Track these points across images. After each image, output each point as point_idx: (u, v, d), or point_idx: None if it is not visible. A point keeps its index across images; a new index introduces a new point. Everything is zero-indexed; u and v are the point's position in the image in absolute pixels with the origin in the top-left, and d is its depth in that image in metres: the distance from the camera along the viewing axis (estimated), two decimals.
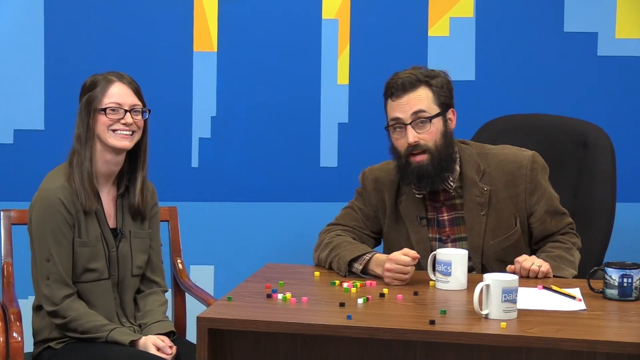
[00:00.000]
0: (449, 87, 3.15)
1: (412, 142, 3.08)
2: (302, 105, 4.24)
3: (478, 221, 3.13)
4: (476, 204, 3.13)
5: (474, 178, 3.14)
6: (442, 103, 3.11)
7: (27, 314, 3.09)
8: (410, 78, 3.10)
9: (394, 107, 3.11)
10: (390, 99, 3.12)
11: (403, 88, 3.09)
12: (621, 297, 2.76)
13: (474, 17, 4.20)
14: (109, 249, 3.04)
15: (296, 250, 4.24)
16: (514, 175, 3.15)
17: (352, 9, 4.21)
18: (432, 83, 3.10)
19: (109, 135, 3.00)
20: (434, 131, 3.09)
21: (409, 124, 3.08)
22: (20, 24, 4.15)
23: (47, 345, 3.02)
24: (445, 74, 3.16)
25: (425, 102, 3.09)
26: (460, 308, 2.68)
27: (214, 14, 4.20)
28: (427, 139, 3.08)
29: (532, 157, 3.18)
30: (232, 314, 2.59)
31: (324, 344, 2.62)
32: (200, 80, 4.22)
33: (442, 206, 3.17)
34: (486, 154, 3.20)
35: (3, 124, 4.18)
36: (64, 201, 2.97)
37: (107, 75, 3.05)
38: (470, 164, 3.16)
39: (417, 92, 3.09)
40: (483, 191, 3.13)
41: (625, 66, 4.19)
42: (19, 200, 3.81)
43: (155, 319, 3.07)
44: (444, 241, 3.16)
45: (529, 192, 3.15)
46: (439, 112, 3.10)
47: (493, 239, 3.13)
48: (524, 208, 3.16)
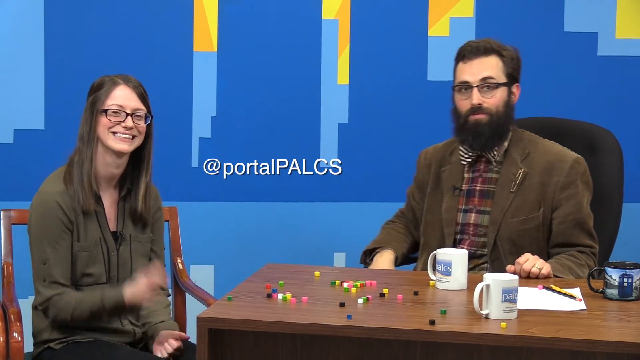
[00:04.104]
0: (517, 62, 3.28)
1: (475, 103, 3.21)
2: (302, 105, 4.25)
3: (505, 197, 3.21)
4: (509, 181, 3.22)
5: (516, 158, 3.25)
6: (510, 75, 3.24)
7: (27, 314, 3.08)
8: (485, 45, 3.23)
9: (464, 70, 3.24)
10: (462, 62, 3.25)
11: (476, 52, 3.22)
12: (621, 297, 2.76)
13: (474, 17, 4.21)
14: (109, 253, 3.04)
15: (296, 250, 4.24)
16: (552, 166, 3.22)
17: (352, 9, 4.22)
18: (503, 54, 3.24)
19: (108, 137, 3.00)
20: (498, 98, 3.22)
21: (475, 86, 3.21)
22: (20, 24, 4.15)
23: (47, 345, 3.02)
24: (515, 49, 3.28)
25: (494, 70, 3.22)
26: (460, 308, 2.68)
27: (214, 14, 4.20)
28: (490, 103, 3.21)
29: (578, 159, 3.25)
30: (232, 314, 2.59)
31: (324, 344, 2.62)
32: (200, 80, 4.22)
33: (479, 177, 3.28)
34: (536, 142, 3.30)
35: (3, 124, 4.18)
36: (62, 205, 2.96)
37: (114, 78, 3.04)
38: (518, 144, 3.27)
39: (488, 58, 3.22)
40: (520, 171, 3.22)
41: (625, 66, 4.20)
42: (19, 200, 3.81)
43: (160, 319, 3.08)
44: (469, 211, 3.25)
45: (560, 185, 3.20)
46: (506, 82, 3.23)
47: (513, 217, 3.20)
48: (551, 199, 3.20)
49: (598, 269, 2.90)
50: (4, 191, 4.15)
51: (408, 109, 4.25)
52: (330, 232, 4.30)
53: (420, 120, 4.23)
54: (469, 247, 3.22)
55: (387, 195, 4.26)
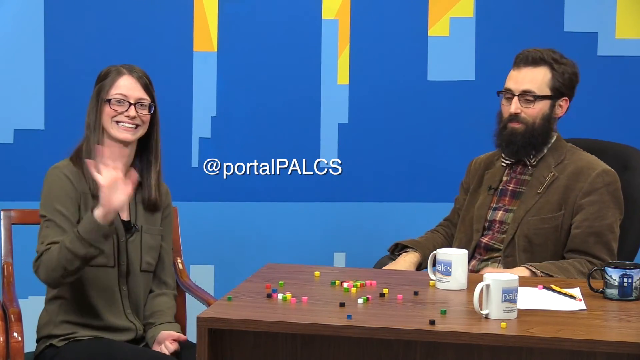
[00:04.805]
0: (571, 78, 3.30)
1: (513, 112, 3.27)
2: (302, 105, 4.25)
3: (532, 197, 3.26)
4: (538, 183, 3.27)
5: (550, 162, 3.29)
6: (556, 89, 3.27)
7: (27, 314, 3.09)
8: (536, 55, 3.28)
9: (511, 77, 3.31)
10: (513, 68, 3.32)
11: (525, 61, 3.28)
12: (621, 297, 2.76)
13: (474, 17, 4.20)
14: (118, 238, 3.05)
15: (296, 250, 4.24)
16: (581, 171, 3.25)
17: (352, 9, 4.21)
18: (555, 67, 3.27)
19: (112, 126, 3.03)
20: (537, 110, 3.27)
21: (516, 95, 3.27)
22: (20, 24, 4.15)
23: (50, 343, 3.02)
24: (574, 65, 3.32)
25: (538, 83, 3.27)
26: (460, 308, 2.68)
27: (214, 14, 4.20)
28: (529, 113, 3.27)
29: (607, 170, 3.27)
30: (232, 314, 2.59)
31: (324, 344, 2.62)
32: (200, 80, 4.22)
33: (514, 178, 3.34)
34: (574, 151, 3.34)
35: (3, 124, 4.18)
36: (71, 178, 3.00)
37: (120, 68, 3.07)
38: (555, 151, 3.31)
39: (536, 69, 3.28)
40: (550, 174, 3.26)
41: (625, 66, 4.20)
42: (19, 200, 3.82)
43: (163, 320, 3.08)
44: (498, 209, 3.32)
45: (584, 191, 3.22)
46: (549, 95, 3.27)
47: (535, 215, 3.23)
48: (573, 204, 3.22)
49: (598, 269, 2.90)
50: (4, 191, 4.15)
51: (408, 109, 4.25)
52: (330, 232, 4.30)
53: (420, 120, 4.23)
54: (489, 240, 3.29)
55: (387, 195, 4.26)
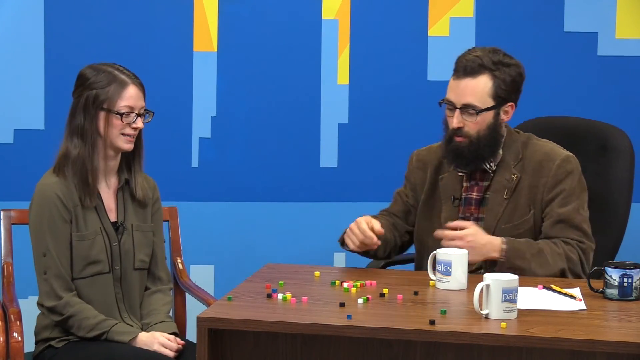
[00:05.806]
0: (514, 81, 3.13)
1: (455, 126, 3.11)
2: (302, 105, 4.25)
3: (499, 204, 3.15)
4: (502, 187, 3.16)
5: (509, 163, 3.17)
6: (499, 97, 3.11)
7: (27, 314, 3.08)
8: (475, 62, 3.09)
9: (452, 87, 3.13)
10: (453, 77, 3.14)
11: (464, 71, 3.10)
12: (621, 297, 2.76)
13: (474, 17, 4.20)
14: (110, 243, 3.04)
15: (296, 250, 4.24)
16: (541, 166, 3.16)
17: (352, 9, 4.21)
18: (496, 74, 3.10)
19: (119, 138, 3.00)
20: (480, 122, 3.11)
21: (458, 108, 3.11)
22: (20, 24, 4.15)
23: (48, 344, 3.02)
24: (518, 66, 3.15)
25: (478, 95, 3.10)
26: (460, 308, 2.68)
27: (214, 14, 4.20)
28: (472, 127, 3.12)
29: (567, 157, 3.17)
30: (232, 314, 2.59)
31: (324, 344, 2.62)
32: (200, 80, 4.22)
33: (475, 185, 3.21)
34: (528, 143, 3.21)
35: (3, 124, 4.18)
36: (60, 196, 2.97)
37: (119, 75, 3.01)
38: (511, 150, 3.19)
39: (476, 79, 3.09)
40: (513, 177, 3.16)
41: (625, 66, 4.19)
42: (19, 200, 3.81)
43: (158, 319, 3.07)
44: (466, 219, 3.17)
45: (548, 186, 3.13)
46: (492, 105, 3.12)
47: (506, 223, 3.14)
48: (540, 201, 3.14)
49: (598, 269, 2.90)
50: (4, 191, 4.14)
51: (408, 109, 4.25)
52: (330, 232, 4.29)
53: (420, 120, 4.23)
54: None
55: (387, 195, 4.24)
